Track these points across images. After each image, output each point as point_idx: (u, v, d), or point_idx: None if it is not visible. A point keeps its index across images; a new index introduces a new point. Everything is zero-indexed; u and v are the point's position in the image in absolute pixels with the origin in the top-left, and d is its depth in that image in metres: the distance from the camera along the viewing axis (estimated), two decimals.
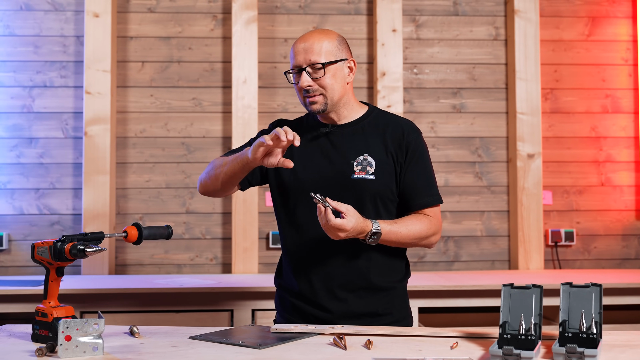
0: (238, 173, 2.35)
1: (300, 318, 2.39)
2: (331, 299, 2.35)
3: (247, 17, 4.26)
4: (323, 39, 2.33)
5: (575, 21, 4.58)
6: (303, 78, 2.31)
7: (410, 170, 2.37)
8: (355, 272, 2.35)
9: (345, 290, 2.35)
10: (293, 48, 2.34)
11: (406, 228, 2.29)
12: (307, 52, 2.31)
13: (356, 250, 2.33)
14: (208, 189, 2.49)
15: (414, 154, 2.38)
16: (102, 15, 4.18)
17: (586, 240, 4.53)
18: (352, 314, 2.35)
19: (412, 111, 4.44)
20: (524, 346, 1.76)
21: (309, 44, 2.31)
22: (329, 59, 2.32)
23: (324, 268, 2.35)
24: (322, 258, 2.35)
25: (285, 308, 2.45)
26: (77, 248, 1.93)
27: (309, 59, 2.30)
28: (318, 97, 2.33)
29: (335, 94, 2.35)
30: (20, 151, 4.25)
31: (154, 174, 4.33)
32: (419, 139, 2.42)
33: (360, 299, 2.35)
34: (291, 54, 2.35)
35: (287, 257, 2.44)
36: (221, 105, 4.37)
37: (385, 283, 2.39)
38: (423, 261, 4.42)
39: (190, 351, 1.87)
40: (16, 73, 4.28)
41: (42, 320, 1.96)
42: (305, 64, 2.31)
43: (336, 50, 2.34)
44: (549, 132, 4.51)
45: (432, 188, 2.42)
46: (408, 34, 4.48)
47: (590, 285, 1.84)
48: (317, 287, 2.36)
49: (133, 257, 4.30)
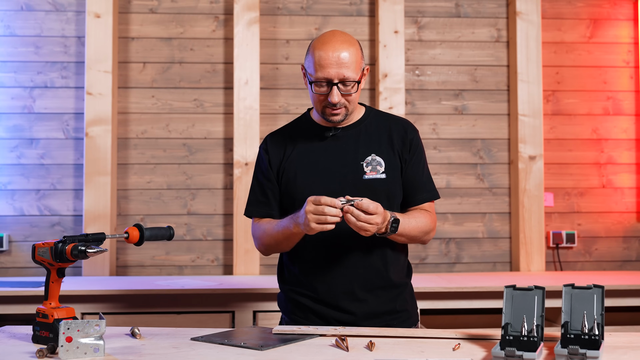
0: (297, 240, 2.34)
1: (322, 322, 2.37)
2: (353, 300, 2.35)
3: (249, 18, 4.26)
4: (351, 49, 2.26)
5: (577, 23, 4.58)
6: (334, 94, 2.24)
7: (411, 166, 2.41)
8: (372, 271, 2.36)
9: (364, 290, 2.36)
10: (320, 56, 2.24)
11: (415, 221, 2.33)
12: (340, 66, 2.23)
13: (370, 249, 2.35)
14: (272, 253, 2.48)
15: (415, 150, 2.43)
16: (103, 16, 4.18)
17: (587, 242, 4.53)
18: (374, 313, 2.36)
19: (413, 113, 4.44)
20: (526, 348, 1.76)
21: (342, 56, 2.23)
22: (359, 74, 2.28)
23: (341, 270, 2.35)
24: (339, 261, 2.35)
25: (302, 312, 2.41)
26: (78, 249, 1.92)
27: (343, 74, 2.23)
28: (341, 109, 2.31)
29: (354, 107, 2.35)
30: (20, 152, 4.25)
31: (155, 175, 4.33)
32: (418, 136, 2.48)
33: (378, 297, 2.37)
34: (315, 62, 2.25)
35: (300, 261, 2.41)
36: (223, 107, 4.37)
37: (399, 279, 2.42)
38: (424, 263, 4.42)
39: (192, 352, 1.87)
40: (17, 73, 4.27)
41: (43, 321, 1.96)
42: (338, 79, 2.24)
43: (361, 61, 2.30)
44: (551, 134, 4.51)
45: (430, 184, 2.47)
46: (410, 35, 4.48)
47: (592, 287, 1.84)
48: (337, 290, 2.35)
49: (134, 259, 4.30)
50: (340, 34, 2.30)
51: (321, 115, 2.35)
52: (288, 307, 2.46)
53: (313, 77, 2.27)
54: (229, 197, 4.33)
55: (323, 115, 2.34)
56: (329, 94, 2.26)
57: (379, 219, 2.13)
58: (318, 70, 2.25)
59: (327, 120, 2.34)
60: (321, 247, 2.35)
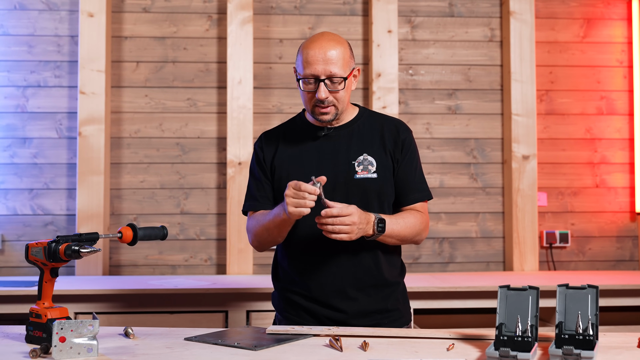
0: (288, 228, 2.34)
1: (314, 320, 2.39)
2: (343, 299, 2.36)
3: (243, 18, 4.25)
4: (339, 48, 2.29)
5: (571, 23, 4.59)
6: (321, 89, 2.27)
7: (403, 166, 2.42)
8: (364, 270, 2.37)
9: (355, 288, 2.37)
10: (307, 54, 2.28)
11: (404, 221, 2.34)
12: (326, 62, 2.26)
13: (362, 248, 2.35)
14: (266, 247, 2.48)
15: (408, 150, 2.43)
16: (96, 15, 4.17)
17: (581, 242, 4.53)
18: (364, 312, 2.37)
19: (407, 112, 4.44)
20: (520, 348, 1.76)
21: (329, 54, 2.26)
22: (346, 72, 2.31)
23: (333, 269, 2.37)
24: (331, 259, 2.36)
25: (294, 310, 2.43)
26: (72, 249, 1.92)
27: (329, 70, 2.26)
28: (330, 108, 2.32)
29: (344, 106, 2.37)
30: (13, 151, 4.24)
31: (148, 174, 4.32)
32: (411, 136, 2.48)
33: (370, 296, 2.38)
34: (303, 60, 2.29)
35: (293, 260, 2.43)
36: (216, 106, 4.36)
37: (391, 278, 2.43)
38: (418, 262, 4.42)
39: (185, 352, 1.86)
40: (10, 73, 4.26)
41: (36, 321, 1.96)
42: (325, 76, 2.27)
43: (349, 60, 2.34)
44: (544, 133, 4.52)
45: (423, 184, 2.47)
46: (403, 35, 4.48)
47: (586, 287, 1.85)
48: (329, 288, 2.37)
49: (127, 258, 4.29)
50: (329, 34, 2.34)
51: (312, 115, 2.37)
52: (281, 304, 2.49)
53: (301, 75, 2.30)
54: (222, 197, 4.32)
55: (313, 115, 2.36)
56: (316, 90, 2.28)
57: (354, 217, 2.14)
58: (306, 67, 2.28)
59: (317, 119, 2.36)
60: (314, 245, 2.37)
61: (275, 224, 2.31)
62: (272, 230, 2.35)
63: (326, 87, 2.28)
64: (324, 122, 2.37)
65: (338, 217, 2.13)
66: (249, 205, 2.49)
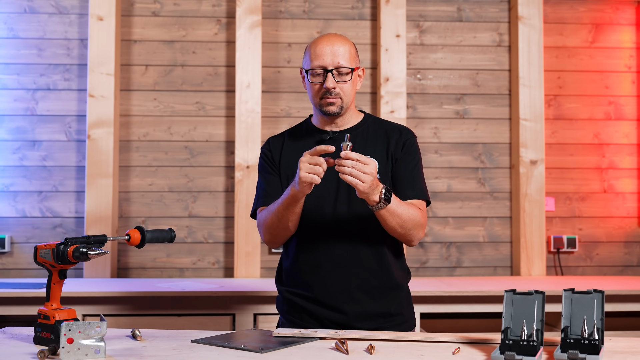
0: (297, 209, 2.33)
1: (316, 322, 2.39)
2: (347, 300, 2.36)
3: (251, 22, 4.27)
4: (346, 45, 2.39)
5: (579, 28, 4.59)
6: (329, 79, 2.33)
7: (401, 164, 2.42)
8: (368, 272, 2.38)
9: (360, 290, 2.37)
10: (315, 48, 2.37)
11: (407, 207, 2.30)
12: (334, 54, 2.34)
13: (367, 250, 2.36)
14: (278, 239, 2.45)
15: (407, 150, 2.44)
16: (106, 19, 4.19)
17: (588, 247, 4.53)
18: (367, 314, 2.37)
19: (415, 117, 4.44)
20: (525, 352, 1.76)
21: (336, 47, 2.35)
22: (353, 65, 2.38)
23: (338, 270, 2.37)
24: (336, 260, 2.37)
25: (297, 313, 2.44)
26: (80, 251, 1.93)
27: (337, 61, 2.34)
28: (337, 99, 2.37)
29: (349, 100, 2.40)
30: (23, 154, 4.26)
31: (156, 177, 4.34)
32: (414, 140, 2.49)
33: (373, 299, 2.38)
34: (311, 54, 2.37)
35: (296, 262, 2.43)
36: (224, 110, 4.38)
37: (396, 282, 2.42)
38: (425, 267, 4.42)
39: (192, 355, 1.87)
40: (20, 76, 4.28)
41: (44, 322, 1.96)
42: (332, 67, 2.34)
43: (355, 57, 2.42)
44: (552, 138, 4.51)
45: (418, 184, 2.44)
46: (412, 39, 4.49)
47: (592, 292, 1.85)
48: (333, 289, 2.37)
49: (135, 261, 4.30)
50: (336, 34, 2.45)
51: (318, 108, 2.40)
52: (284, 307, 2.49)
53: (309, 67, 2.37)
54: (230, 200, 4.34)
55: (320, 107, 2.39)
56: (324, 81, 2.34)
57: (372, 168, 2.13)
58: (314, 59, 2.36)
59: (324, 111, 2.38)
60: (318, 246, 2.38)
61: (284, 205, 2.29)
62: (282, 215, 2.32)
63: (333, 78, 2.34)
64: (330, 115, 2.39)
65: (358, 162, 2.12)
66: (261, 202, 2.48)
